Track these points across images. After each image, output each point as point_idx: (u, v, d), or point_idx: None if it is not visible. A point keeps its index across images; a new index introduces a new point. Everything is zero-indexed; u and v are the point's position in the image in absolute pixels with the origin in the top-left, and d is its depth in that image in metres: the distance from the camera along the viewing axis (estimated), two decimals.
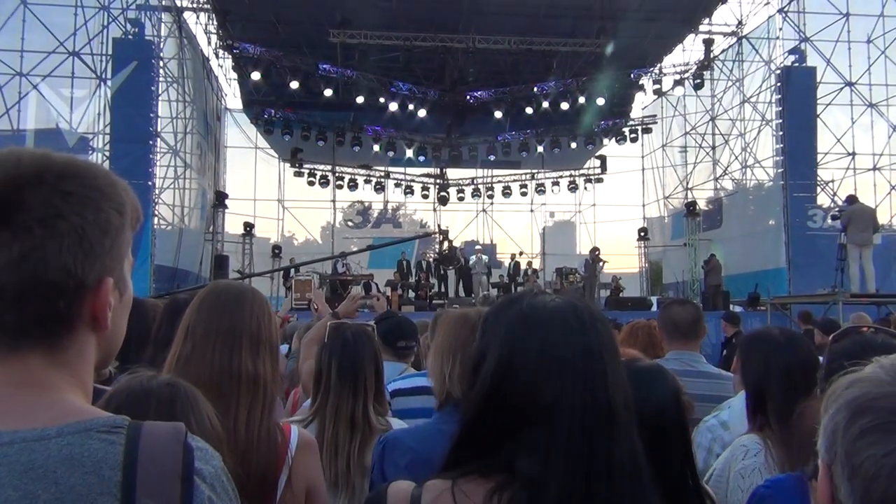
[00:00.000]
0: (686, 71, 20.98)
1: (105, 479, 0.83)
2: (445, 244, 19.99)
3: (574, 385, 1.14)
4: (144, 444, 0.87)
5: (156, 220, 16.10)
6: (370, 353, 2.53)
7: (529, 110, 21.23)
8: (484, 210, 26.86)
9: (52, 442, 0.83)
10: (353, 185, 24.45)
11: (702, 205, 22.09)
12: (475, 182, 25.84)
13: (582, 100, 20.35)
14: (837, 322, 8.53)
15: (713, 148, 22.17)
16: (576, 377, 1.14)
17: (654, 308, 17.73)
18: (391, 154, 23.43)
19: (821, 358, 2.28)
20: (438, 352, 2.11)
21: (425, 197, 25.74)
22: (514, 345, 1.18)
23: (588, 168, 25.40)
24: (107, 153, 15.63)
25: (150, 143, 15.77)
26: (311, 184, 23.73)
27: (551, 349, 1.16)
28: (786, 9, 18.35)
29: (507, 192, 25.41)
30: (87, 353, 0.94)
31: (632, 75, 20.81)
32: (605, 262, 20.44)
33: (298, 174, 23.64)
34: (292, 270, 19.59)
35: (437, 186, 25.39)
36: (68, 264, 0.88)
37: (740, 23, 20.31)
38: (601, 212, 26.60)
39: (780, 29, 18.59)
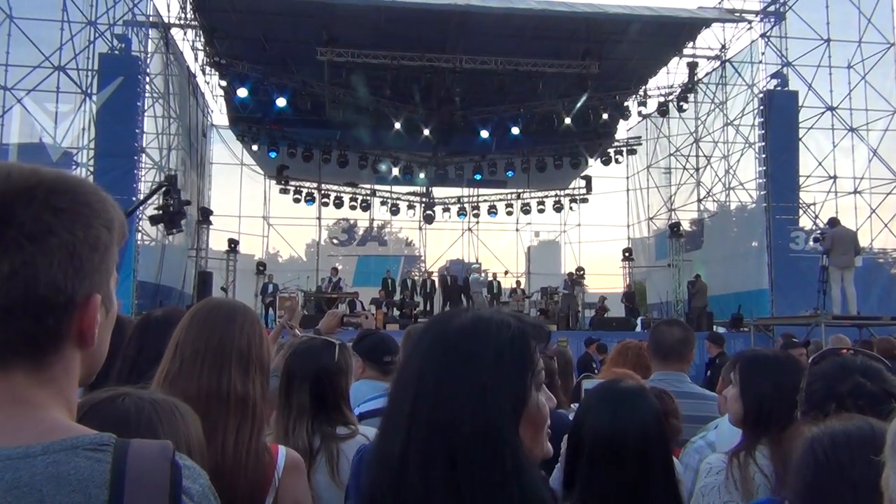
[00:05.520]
0: (670, 93, 21.22)
1: (92, 497, 0.82)
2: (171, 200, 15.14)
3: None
4: (132, 462, 0.86)
5: (139, 235, 16.00)
6: (325, 369, 2.41)
7: (516, 130, 21.37)
8: (469, 229, 26.90)
9: (37, 459, 0.82)
10: (338, 203, 24.40)
11: (685, 226, 22.25)
12: (461, 201, 25.91)
13: (568, 121, 20.49)
14: (792, 336, 8.63)
15: (697, 170, 22.38)
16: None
17: (639, 328, 17.80)
18: (377, 172, 23.48)
19: None
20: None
21: (411, 215, 25.76)
22: None
23: (573, 188, 25.51)
24: (91, 168, 15.56)
25: (135, 158, 15.76)
26: (296, 201, 23.68)
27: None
28: (768, 34, 18.66)
29: (492, 211, 25.47)
30: (72, 369, 0.93)
31: (616, 97, 21.00)
32: (583, 284, 20.59)
33: (284, 191, 23.58)
34: (270, 287, 19.45)
35: (423, 205, 25.42)
36: (58, 281, 0.87)
37: (724, 47, 20.58)
38: (586, 232, 26.72)
39: (763, 53, 18.90)
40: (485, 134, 21.61)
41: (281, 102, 19.28)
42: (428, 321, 1.22)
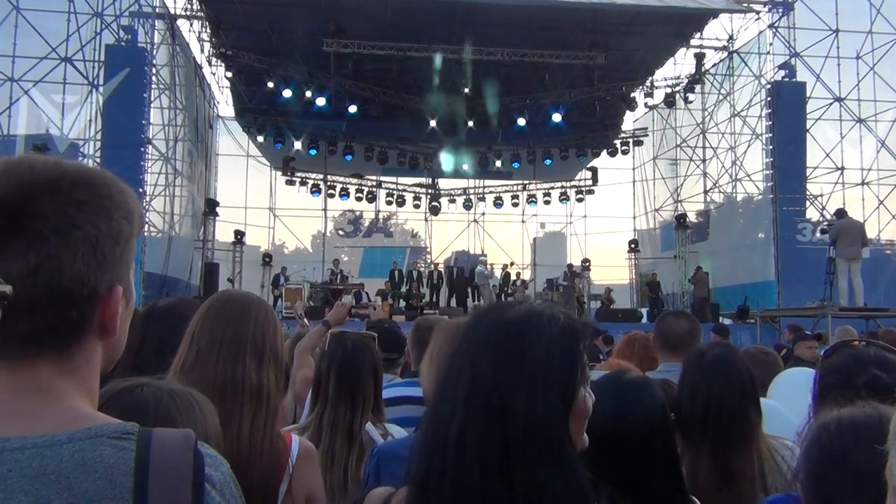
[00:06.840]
0: (677, 84, 21.11)
1: (117, 484, 0.84)
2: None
3: None
4: (155, 450, 0.87)
5: (146, 227, 16.05)
6: (369, 364, 2.50)
7: (522, 121, 21.31)
8: (475, 220, 26.88)
9: (63, 448, 0.84)
10: (344, 194, 24.41)
11: (691, 217, 22.20)
12: (467, 192, 25.87)
13: (574, 112, 20.45)
14: (802, 328, 8.59)
15: (703, 161, 22.30)
16: None
17: (645, 319, 17.80)
18: (383, 163, 23.45)
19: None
20: (434, 360, 2.10)
21: (417, 207, 25.72)
22: None
23: (579, 180, 25.46)
24: (97, 159, 15.59)
25: (142, 149, 15.76)
26: (303, 192, 23.69)
27: None
28: (776, 24, 18.54)
29: (498, 202, 25.44)
30: (93, 360, 0.95)
31: (623, 88, 20.92)
32: (581, 276, 20.54)
33: (290, 182, 23.60)
34: (282, 279, 19.54)
35: (429, 196, 25.39)
36: (82, 273, 0.88)
37: (731, 37, 20.46)
38: (592, 223, 26.66)
39: (771, 44, 18.78)
40: (491, 125, 21.54)
41: (287, 94, 19.26)
42: (480, 312, 1.28)
